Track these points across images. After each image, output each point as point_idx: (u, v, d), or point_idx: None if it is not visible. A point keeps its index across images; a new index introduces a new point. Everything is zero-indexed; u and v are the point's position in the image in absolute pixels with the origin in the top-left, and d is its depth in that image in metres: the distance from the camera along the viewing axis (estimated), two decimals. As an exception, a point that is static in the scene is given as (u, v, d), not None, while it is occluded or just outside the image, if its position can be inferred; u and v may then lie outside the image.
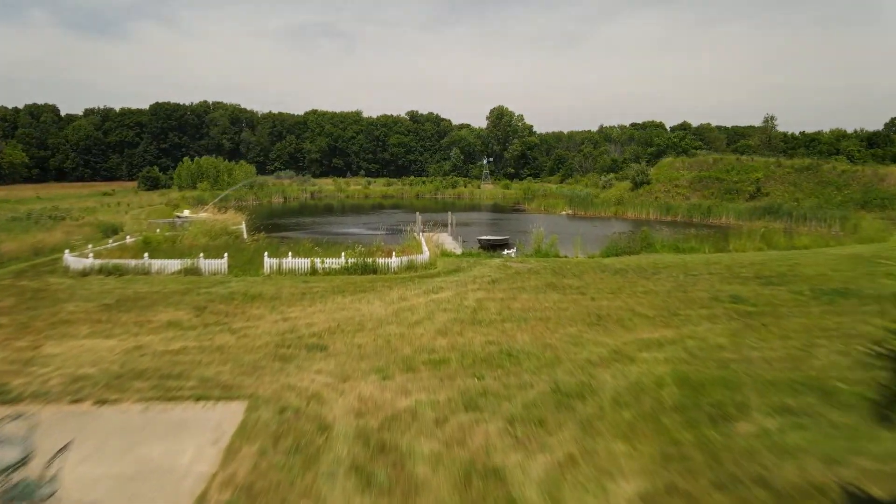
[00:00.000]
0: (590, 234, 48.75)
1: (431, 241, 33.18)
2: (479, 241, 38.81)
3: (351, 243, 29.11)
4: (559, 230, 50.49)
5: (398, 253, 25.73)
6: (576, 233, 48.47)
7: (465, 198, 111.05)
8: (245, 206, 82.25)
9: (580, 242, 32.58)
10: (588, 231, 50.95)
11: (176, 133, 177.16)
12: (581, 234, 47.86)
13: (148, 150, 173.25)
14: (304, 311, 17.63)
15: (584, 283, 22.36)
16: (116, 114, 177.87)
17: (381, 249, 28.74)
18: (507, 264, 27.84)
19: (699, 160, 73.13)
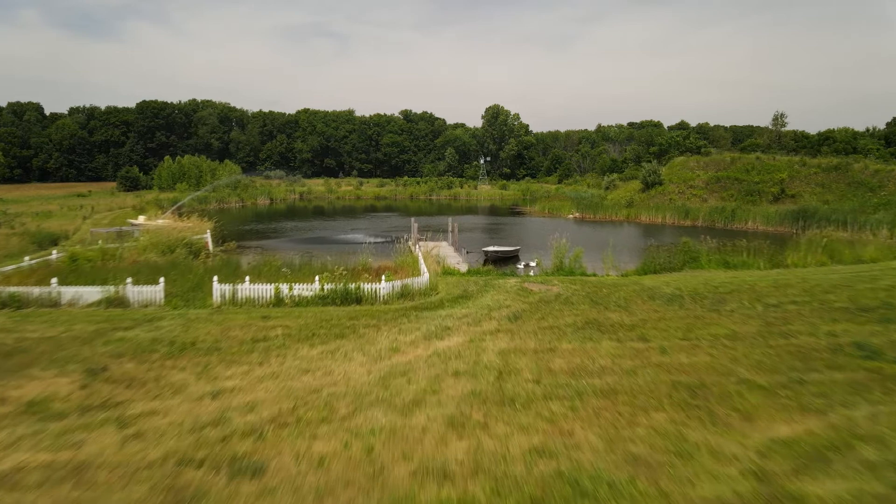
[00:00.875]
0: (606, 241, 43.15)
1: (430, 255, 27.38)
2: (486, 254, 33.36)
3: (331, 263, 23.30)
4: (572, 238, 44.99)
5: (389, 276, 19.87)
6: (590, 240, 43.03)
7: (462, 199, 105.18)
8: (227, 208, 76.35)
9: (610, 257, 26.74)
10: (602, 238, 45.34)
11: (163, 132, 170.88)
12: (597, 241, 42.42)
13: (134, 149, 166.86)
14: (249, 375, 11.84)
15: (636, 319, 16.64)
16: (102, 112, 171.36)
17: (368, 269, 22.96)
18: (525, 286, 22.10)
19: (715, 159, 67.51)
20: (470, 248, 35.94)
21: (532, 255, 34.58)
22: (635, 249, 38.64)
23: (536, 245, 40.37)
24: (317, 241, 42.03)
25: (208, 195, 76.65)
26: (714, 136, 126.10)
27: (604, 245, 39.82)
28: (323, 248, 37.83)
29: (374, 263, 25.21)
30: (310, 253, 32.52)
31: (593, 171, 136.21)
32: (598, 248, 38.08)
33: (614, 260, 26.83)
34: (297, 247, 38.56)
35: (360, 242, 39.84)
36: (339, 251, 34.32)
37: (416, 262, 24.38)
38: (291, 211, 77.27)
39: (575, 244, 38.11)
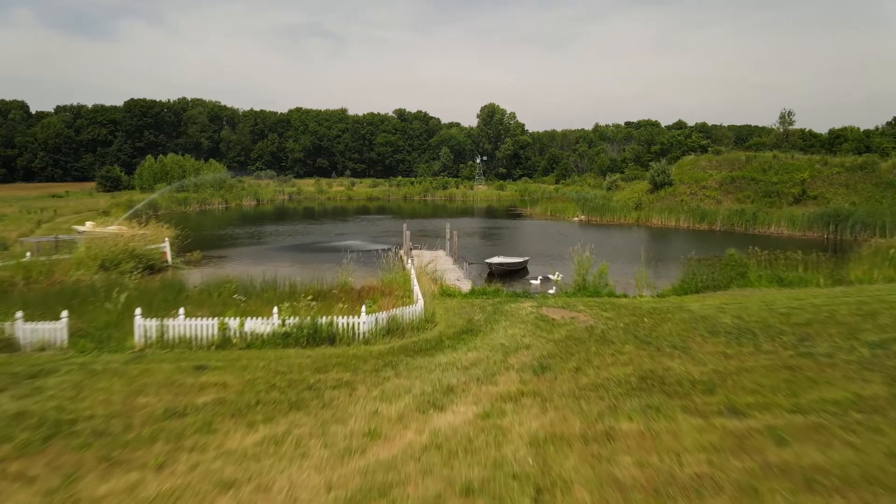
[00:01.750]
0: (623, 248, 38.60)
1: (425, 270, 22.71)
2: (490, 267, 28.69)
3: (302, 283, 18.73)
4: (583, 243, 40.39)
5: (371, 306, 15.15)
6: (603, 246, 38.39)
7: (457, 200, 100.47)
8: (209, 210, 71.47)
9: (644, 274, 22.10)
10: (617, 244, 40.85)
11: (152, 131, 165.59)
12: (612, 248, 37.82)
13: (122, 148, 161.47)
14: (132, 497, 7.20)
15: (708, 370, 12.09)
16: (89, 111, 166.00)
17: (348, 290, 18.36)
18: (544, 313, 17.55)
19: (728, 158, 63.00)
20: (471, 259, 31.30)
21: (545, 267, 30.02)
22: (662, 259, 34.05)
23: (545, 253, 35.87)
24: (296, 250, 37.31)
25: (188, 196, 71.66)
26: (716, 136, 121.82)
27: (622, 253, 35.64)
28: (301, 257, 33.23)
29: (356, 282, 20.60)
30: (282, 266, 28.10)
31: (591, 170, 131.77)
32: (617, 257, 33.68)
33: (647, 276, 22.14)
34: (273, 256, 33.90)
35: (347, 250, 35.14)
36: (318, 263, 29.91)
37: (407, 281, 19.75)
38: (279, 213, 72.42)
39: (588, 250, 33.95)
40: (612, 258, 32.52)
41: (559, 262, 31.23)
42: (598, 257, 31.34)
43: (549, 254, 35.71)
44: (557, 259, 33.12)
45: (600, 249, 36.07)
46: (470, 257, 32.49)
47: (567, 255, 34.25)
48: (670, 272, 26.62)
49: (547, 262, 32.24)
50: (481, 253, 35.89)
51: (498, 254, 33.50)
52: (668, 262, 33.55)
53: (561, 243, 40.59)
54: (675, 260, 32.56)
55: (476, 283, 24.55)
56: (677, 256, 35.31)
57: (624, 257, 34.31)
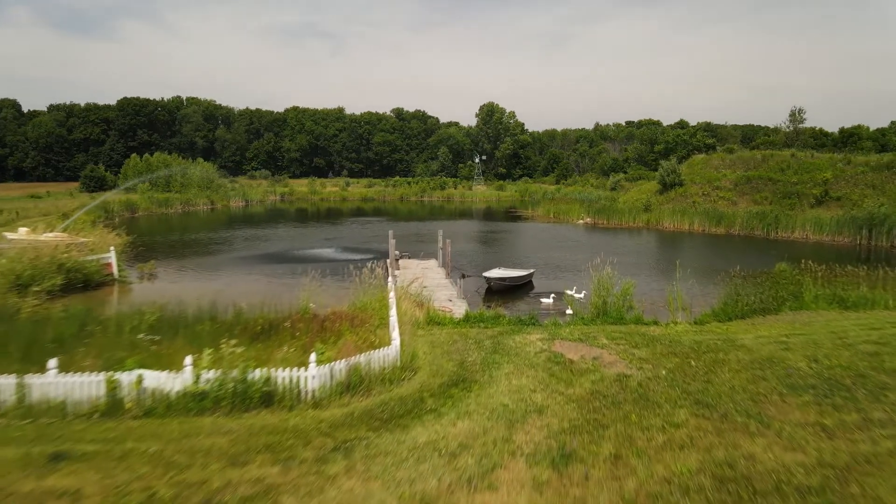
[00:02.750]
0: (635, 255, 34.56)
1: (408, 292, 18.54)
2: (489, 282, 23.79)
3: (252, 308, 14.77)
4: (591, 248, 36.21)
5: (324, 354, 10.91)
6: (615, 253, 34.16)
7: (455, 201, 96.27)
8: (193, 211, 67.32)
9: (679, 295, 17.94)
10: (627, 251, 36.72)
11: (145, 130, 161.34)
12: (624, 255, 33.59)
13: (115, 147, 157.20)
14: None
15: (809, 458, 8.10)
16: (81, 109, 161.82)
17: (308, 320, 14.38)
18: (558, 351, 13.54)
19: (743, 157, 58.85)
20: (468, 271, 27.15)
21: (555, 282, 26.01)
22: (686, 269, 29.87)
23: (553, 262, 31.80)
24: (267, 260, 32.90)
25: (171, 196, 67.37)
26: (722, 135, 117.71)
27: (639, 262, 31.75)
28: (270, 269, 29.05)
29: (325, 305, 16.58)
30: (244, 281, 24.14)
31: (592, 170, 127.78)
32: (635, 268, 29.61)
33: (682, 297, 18.03)
34: (238, 268, 29.64)
35: (324, 261, 31.11)
36: (286, 277, 26.09)
37: (385, 305, 15.70)
38: (267, 215, 68.19)
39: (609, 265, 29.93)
40: (629, 270, 28.54)
41: (570, 275, 27.27)
42: (614, 269, 27.39)
43: (557, 263, 31.61)
44: (567, 271, 29.09)
45: (614, 259, 32.16)
46: (467, 268, 28.39)
47: (579, 266, 30.43)
48: (702, 288, 22.62)
49: (555, 275, 28.15)
50: (479, 262, 31.78)
51: (497, 264, 29.37)
52: (694, 272, 29.56)
53: (569, 250, 36.54)
54: (703, 271, 28.48)
55: (472, 303, 20.47)
56: (702, 266, 31.31)
57: (642, 268, 30.37)
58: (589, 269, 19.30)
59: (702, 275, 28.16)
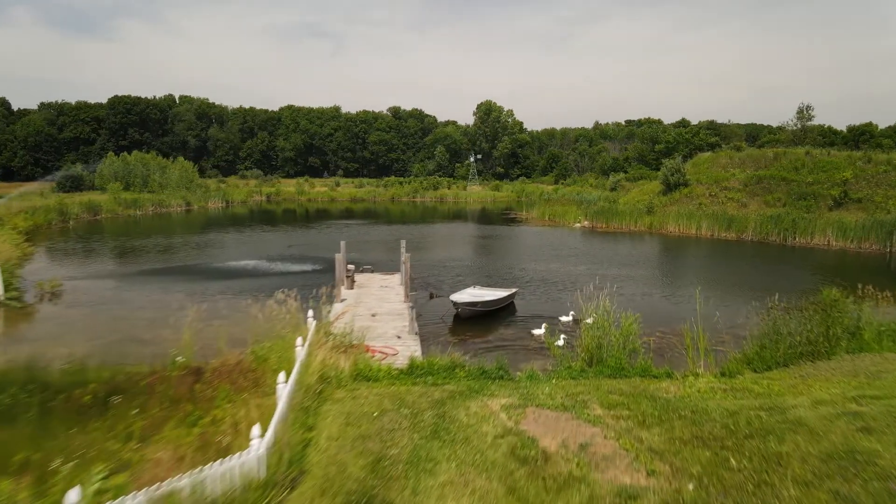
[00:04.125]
0: (637, 265, 29.79)
1: (337, 331, 13.60)
2: (456, 307, 18.87)
3: (114, 354, 10.24)
4: (588, 257, 31.89)
5: (107, 481, 6.35)
6: (614, 261, 29.79)
7: (449, 201, 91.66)
8: (166, 213, 62.70)
9: (702, 338, 13.14)
10: (628, 260, 32.05)
11: (136, 129, 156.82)
12: (626, 267, 29.08)
13: (105, 147, 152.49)
14: None
15: None
16: (71, 107, 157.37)
17: (172, 385, 9.87)
18: (529, 436, 8.95)
19: (753, 155, 54.15)
20: (438, 289, 22.50)
21: (548, 304, 21.45)
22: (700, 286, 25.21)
23: (543, 277, 27.13)
24: (200, 273, 27.33)
25: (140, 197, 62.63)
26: (725, 133, 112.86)
27: (642, 274, 27.18)
28: (196, 287, 23.91)
29: (223, 348, 12.02)
30: (151, 303, 19.62)
31: (592, 170, 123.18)
32: (638, 283, 25.07)
33: (703, 337, 13.32)
34: (160, 284, 24.64)
35: (269, 274, 26.54)
36: (210, 296, 20.95)
37: (291, 351, 11.08)
38: (245, 217, 63.58)
39: (593, 274, 25.15)
40: (632, 287, 24.13)
41: (565, 294, 22.76)
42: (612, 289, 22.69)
43: (548, 277, 26.83)
44: (561, 287, 24.50)
45: (614, 270, 27.80)
46: (440, 283, 23.79)
47: (574, 279, 26.06)
48: (722, 309, 18.06)
49: (546, 294, 23.45)
50: (458, 274, 27.09)
51: (478, 276, 24.75)
52: (709, 287, 24.92)
53: (563, 260, 31.73)
54: (719, 285, 23.95)
55: (432, 338, 15.81)
56: (717, 278, 26.71)
57: (647, 283, 25.71)
58: (578, 299, 14.67)
59: (718, 290, 23.57)
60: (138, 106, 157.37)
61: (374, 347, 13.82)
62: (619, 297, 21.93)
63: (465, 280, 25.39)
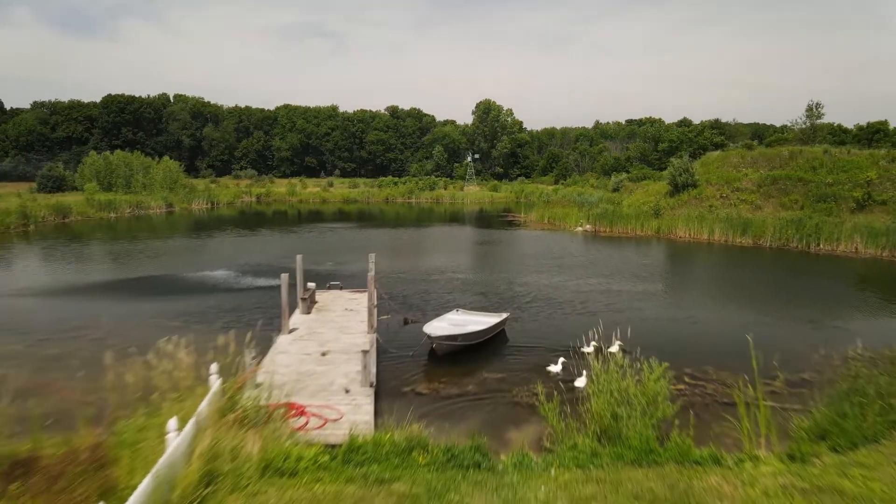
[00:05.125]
0: (654, 279, 25.87)
1: (233, 404, 9.84)
2: (432, 341, 14.64)
3: None
4: (592, 268, 27.81)
5: None
6: (624, 273, 25.96)
7: (445, 202, 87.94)
8: (144, 215, 58.91)
9: (765, 415, 9.43)
10: (638, 271, 28.15)
11: (130, 128, 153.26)
12: (641, 280, 25.30)
13: (98, 146, 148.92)
14: None
15: None
16: (64, 106, 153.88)
17: None
18: None
19: (766, 154, 50.35)
20: (415, 313, 19.07)
21: (547, 326, 17.82)
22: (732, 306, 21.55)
23: (540, 292, 23.26)
24: (140, 291, 22.95)
25: (116, 198, 58.74)
26: (730, 132, 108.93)
27: (651, 289, 23.18)
28: (116, 312, 20.01)
29: (62, 431, 8.32)
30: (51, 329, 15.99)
31: (593, 170, 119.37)
32: (651, 301, 21.32)
33: (763, 401, 9.59)
34: (82, 303, 20.91)
35: (222, 289, 22.74)
36: (143, 321, 16.82)
37: (184, 430, 7.36)
38: (227, 219, 59.76)
39: (610, 285, 21.74)
40: (649, 309, 20.37)
41: (570, 316, 19.15)
42: (625, 300, 19.28)
43: (549, 295, 22.88)
44: (568, 308, 20.65)
45: (625, 284, 23.90)
46: (418, 306, 19.96)
47: (580, 295, 22.44)
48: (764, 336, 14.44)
49: (551, 318, 19.51)
50: (446, 291, 23.23)
51: (465, 297, 20.97)
52: (734, 303, 21.22)
53: (564, 271, 27.66)
54: (748, 300, 20.19)
55: (390, 395, 12.08)
56: (745, 293, 22.87)
57: (664, 303, 21.82)
58: (585, 341, 11.00)
59: (753, 309, 19.88)
60: (132, 105, 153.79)
61: (309, 409, 10.16)
62: (637, 321, 18.36)
63: (453, 297, 21.66)
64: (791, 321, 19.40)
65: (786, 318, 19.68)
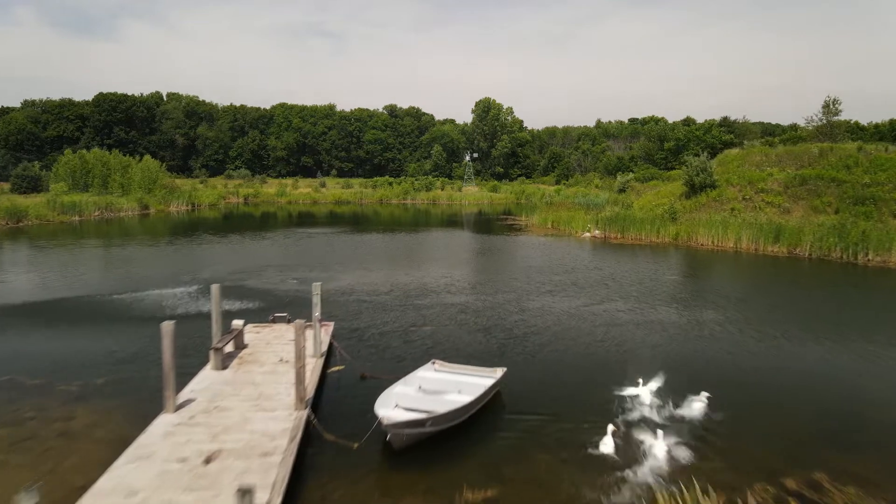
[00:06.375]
0: (694, 304, 20.50)
1: None
2: (386, 430, 8.79)
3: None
4: (612, 289, 21.89)
5: None
6: (654, 293, 20.63)
7: (443, 203, 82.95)
8: (114, 218, 53.94)
9: None
10: (674, 289, 22.93)
11: (122, 127, 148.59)
12: (688, 305, 19.66)
13: (90, 146, 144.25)
14: None
15: None
16: (55, 105, 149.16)
17: None
18: None
19: (793, 152, 45.30)
20: (373, 369, 13.12)
21: (552, 382, 12.70)
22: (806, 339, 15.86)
23: (561, 327, 17.52)
24: (40, 319, 17.54)
25: (81, 200, 53.54)
26: (741, 131, 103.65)
27: (706, 317, 17.17)
28: (38, 339, 15.04)
29: None
30: None
31: (596, 170, 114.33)
32: (716, 341, 15.89)
33: None
34: None
35: (149, 318, 17.49)
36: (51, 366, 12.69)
37: None
38: (208, 222, 54.93)
39: (647, 314, 17.05)
40: (711, 346, 14.94)
41: (604, 369, 13.76)
42: (677, 336, 14.58)
43: (566, 327, 17.53)
44: (602, 353, 15.04)
45: (665, 311, 18.06)
46: (380, 352, 14.66)
47: (614, 335, 16.76)
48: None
49: (575, 363, 14.16)
50: (426, 325, 18.09)
51: (447, 343, 15.72)
52: (823, 337, 16.09)
53: (583, 291, 22.53)
54: (840, 336, 14.97)
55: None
56: (828, 325, 17.42)
57: (727, 337, 16.39)
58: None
59: (850, 350, 14.72)
60: (124, 103, 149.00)
61: None
62: (700, 368, 13.49)
63: (436, 333, 16.56)
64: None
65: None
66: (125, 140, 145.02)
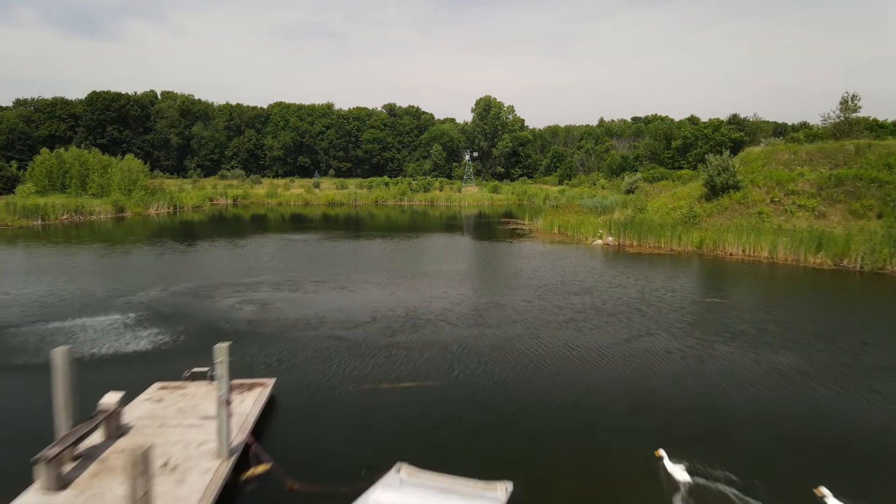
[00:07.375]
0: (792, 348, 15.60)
1: None
2: None
3: None
4: (668, 329, 16.71)
5: None
6: (723, 329, 15.77)
7: (441, 205, 78.60)
8: (85, 222, 49.49)
9: None
10: (738, 320, 18.33)
11: (115, 126, 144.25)
12: (755, 343, 14.27)
13: (82, 145, 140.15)
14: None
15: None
16: (47, 103, 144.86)
17: None
18: None
19: (826, 149, 40.77)
20: (308, 471, 8.31)
21: None
22: None
23: (575, 378, 12.98)
24: None
25: (47, 203, 49.05)
26: (751, 129, 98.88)
27: (789, 363, 12.42)
28: None
29: None
30: None
31: (599, 169, 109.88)
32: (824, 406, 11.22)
33: None
34: None
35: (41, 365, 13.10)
36: None
37: None
38: (186, 226, 50.59)
39: (709, 358, 12.57)
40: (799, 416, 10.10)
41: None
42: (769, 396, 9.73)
43: (601, 387, 12.75)
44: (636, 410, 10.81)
45: (729, 348, 12.88)
46: (332, 425, 10.22)
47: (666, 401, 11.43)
48: None
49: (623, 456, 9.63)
50: (406, 375, 13.59)
51: (436, 404, 11.15)
52: None
53: (608, 316, 18.04)
54: None
55: None
56: None
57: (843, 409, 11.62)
58: None
59: None
60: (118, 102, 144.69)
61: None
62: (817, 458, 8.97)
63: (408, 415, 11.19)
64: None
65: None
66: (119, 139, 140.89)
